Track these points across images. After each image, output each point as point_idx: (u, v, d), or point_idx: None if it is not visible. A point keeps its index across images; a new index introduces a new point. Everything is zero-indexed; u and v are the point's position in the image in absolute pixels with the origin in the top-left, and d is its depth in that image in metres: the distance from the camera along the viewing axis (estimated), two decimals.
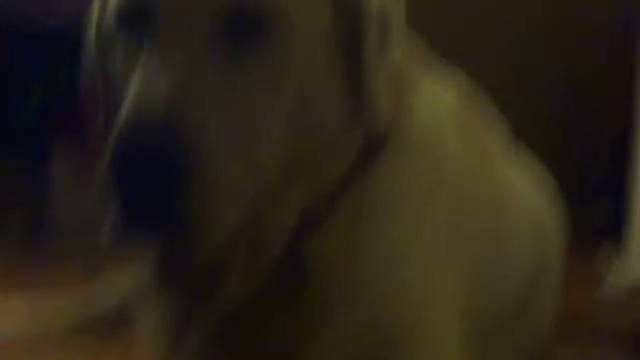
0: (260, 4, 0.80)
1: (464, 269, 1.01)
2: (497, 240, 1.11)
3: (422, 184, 0.97)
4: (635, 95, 1.99)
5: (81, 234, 2.38)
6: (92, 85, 0.94)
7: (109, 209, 0.77)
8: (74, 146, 2.71)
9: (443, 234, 0.99)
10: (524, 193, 1.27)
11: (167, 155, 0.73)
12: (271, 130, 0.82)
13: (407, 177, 0.96)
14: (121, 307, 1.54)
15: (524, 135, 1.35)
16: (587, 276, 2.11)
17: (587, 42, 3.15)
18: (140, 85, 0.78)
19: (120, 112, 0.78)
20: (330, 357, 0.90)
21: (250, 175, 0.80)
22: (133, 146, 0.73)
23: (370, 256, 0.92)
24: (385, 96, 0.89)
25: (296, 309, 0.91)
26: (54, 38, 2.66)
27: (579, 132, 3.15)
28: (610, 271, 2.10)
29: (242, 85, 0.79)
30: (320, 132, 0.87)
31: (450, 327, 0.98)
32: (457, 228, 1.01)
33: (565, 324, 1.39)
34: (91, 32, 0.95)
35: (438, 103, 1.05)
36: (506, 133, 1.26)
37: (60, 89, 2.76)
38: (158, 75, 0.77)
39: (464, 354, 0.99)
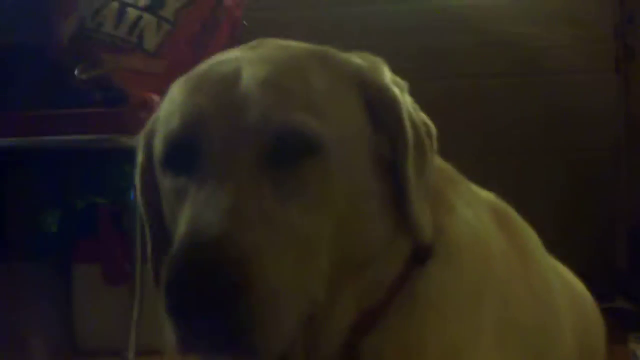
0: (300, 135, 0.85)
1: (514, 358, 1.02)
2: (546, 333, 1.11)
3: (471, 284, 0.99)
4: None
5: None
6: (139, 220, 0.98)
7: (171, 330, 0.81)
8: (93, 268, 2.73)
9: (494, 330, 1.00)
10: (564, 280, 1.28)
11: (223, 276, 0.76)
12: (318, 246, 0.85)
13: (456, 279, 0.98)
14: None
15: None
16: None
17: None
18: (194, 214, 0.82)
19: (176, 240, 0.82)
20: None
21: (302, 289, 0.83)
22: (191, 270, 0.77)
23: (424, 353, 0.94)
24: (427, 210, 0.94)
25: None
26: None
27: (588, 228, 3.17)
28: None
29: (290, 207, 0.83)
30: (367, 243, 0.91)
31: None
32: (507, 323, 1.02)
33: None
34: (138, 171, 1.02)
35: (477, 205, 1.08)
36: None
37: (79, 210, 2.80)
38: (210, 204, 0.81)
39: None
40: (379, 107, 0.92)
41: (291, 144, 0.84)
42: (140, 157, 1.03)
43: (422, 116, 0.99)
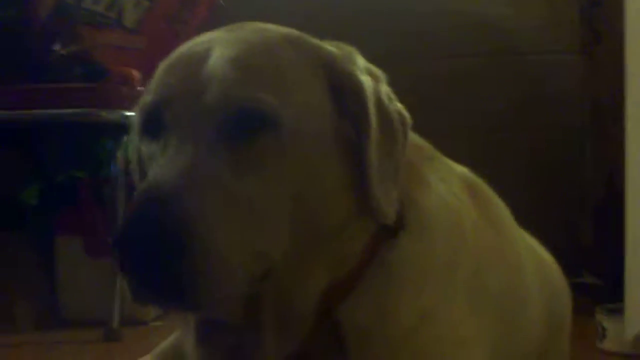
0: (258, 111, 0.90)
1: (488, 326, 1.09)
2: (516, 297, 1.18)
3: (443, 254, 1.05)
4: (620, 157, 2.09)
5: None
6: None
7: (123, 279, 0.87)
8: (76, 240, 2.77)
9: (467, 296, 1.07)
10: (532, 251, 1.35)
11: (163, 233, 0.82)
12: (274, 215, 0.91)
13: (427, 249, 1.04)
14: None
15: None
16: (587, 331, 2.17)
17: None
18: (150, 176, 0.89)
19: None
20: None
21: (251, 252, 0.89)
22: (134, 226, 0.83)
23: (401, 318, 1.00)
24: (392, 193, 0.99)
25: None
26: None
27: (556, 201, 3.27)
28: (610, 326, 2.17)
29: (245, 179, 0.89)
30: (329, 217, 0.96)
31: None
32: (479, 290, 1.09)
33: None
34: (135, 143, 1.07)
35: (451, 180, 1.14)
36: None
37: (59, 183, 2.84)
38: (166, 167, 0.87)
39: None
40: (345, 92, 0.98)
41: (249, 119, 0.89)
42: (136, 130, 1.07)
43: (398, 106, 1.04)
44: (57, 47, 2.80)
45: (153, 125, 0.95)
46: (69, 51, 2.80)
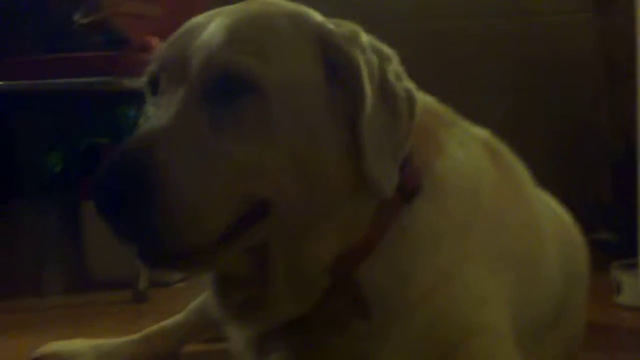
0: (238, 74, 0.95)
1: (507, 285, 1.13)
2: (534, 257, 1.22)
3: (457, 218, 1.09)
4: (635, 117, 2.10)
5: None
6: None
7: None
8: None
9: (486, 257, 1.11)
10: (552, 210, 1.38)
11: (127, 181, 0.88)
12: (257, 173, 0.95)
13: (441, 213, 1.08)
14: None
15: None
16: (603, 286, 2.19)
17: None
18: (136, 131, 0.96)
19: None
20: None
21: (225, 206, 0.93)
22: (104, 175, 0.89)
23: (418, 279, 1.05)
24: (391, 168, 1.02)
25: (356, 329, 1.04)
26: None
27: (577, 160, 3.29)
28: (626, 280, 2.19)
29: (224, 136, 0.94)
30: (328, 184, 1.00)
31: (502, 329, 1.10)
32: (498, 250, 1.13)
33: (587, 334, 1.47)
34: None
35: (470, 143, 1.17)
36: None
37: (81, 150, 2.88)
38: (147, 125, 0.94)
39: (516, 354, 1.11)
40: (341, 68, 1.02)
41: (229, 81, 0.95)
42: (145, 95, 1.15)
43: (406, 85, 1.07)
44: (77, 16, 2.83)
45: (154, 90, 1.02)
46: (90, 20, 2.82)
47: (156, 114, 0.96)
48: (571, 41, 3.28)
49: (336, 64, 1.02)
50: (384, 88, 1.04)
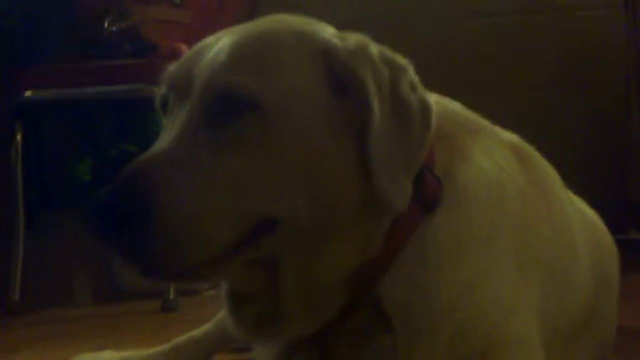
0: (236, 93, 0.94)
1: (538, 293, 1.09)
2: (564, 262, 1.18)
3: (481, 229, 1.06)
4: None
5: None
6: None
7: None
8: None
9: (515, 266, 1.07)
10: (582, 214, 1.34)
11: (123, 205, 0.87)
12: (261, 190, 0.94)
13: (463, 224, 1.05)
14: None
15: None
16: (633, 287, 2.14)
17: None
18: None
19: None
20: None
21: (226, 224, 0.92)
22: (99, 201, 0.87)
23: (440, 292, 1.01)
24: (403, 181, 0.99)
25: (380, 343, 1.01)
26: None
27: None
28: None
29: (224, 154, 0.93)
30: (339, 197, 0.98)
31: (531, 339, 1.06)
32: (528, 259, 1.09)
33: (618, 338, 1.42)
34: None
35: (498, 150, 1.14)
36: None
37: (112, 158, 2.88)
38: (155, 146, 0.94)
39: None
40: (345, 82, 0.99)
41: (229, 101, 0.94)
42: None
43: (420, 94, 1.04)
44: (107, 23, 2.83)
45: (164, 110, 1.02)
46: (119, 27, 2.82)
47: (162, 136, 0.96)
48: (601, 36, 3.27)
49: (344, 81, 1.00)
50: (395, 100, 1.01)
